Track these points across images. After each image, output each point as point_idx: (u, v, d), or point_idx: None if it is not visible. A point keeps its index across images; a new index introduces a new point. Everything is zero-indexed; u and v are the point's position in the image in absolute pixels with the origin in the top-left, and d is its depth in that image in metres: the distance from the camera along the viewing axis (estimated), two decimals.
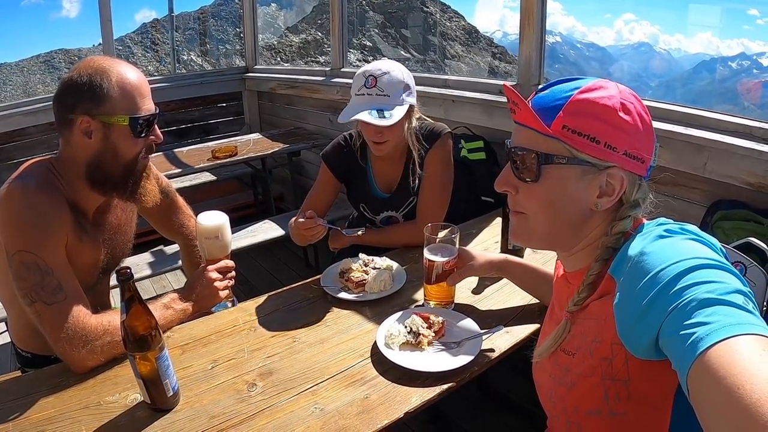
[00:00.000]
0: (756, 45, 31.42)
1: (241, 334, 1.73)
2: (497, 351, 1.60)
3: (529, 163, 1.06)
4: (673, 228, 0.97)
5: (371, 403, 1.40)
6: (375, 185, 2.42)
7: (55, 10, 28.65)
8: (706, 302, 0.78)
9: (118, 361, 1.56)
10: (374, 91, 2.09)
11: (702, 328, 0.74)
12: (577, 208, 1.08)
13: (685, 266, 0.84)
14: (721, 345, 0.71)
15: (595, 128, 1.02)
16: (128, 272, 1.28)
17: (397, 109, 2.09)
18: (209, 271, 1.82)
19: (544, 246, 1.22)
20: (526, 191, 1.10)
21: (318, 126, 4.92)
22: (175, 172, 3.90)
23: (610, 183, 1.05)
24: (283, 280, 4.26)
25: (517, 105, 1.05)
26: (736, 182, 2.18)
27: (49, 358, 1.70)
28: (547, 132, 1.02)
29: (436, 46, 23.77)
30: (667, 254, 0.89)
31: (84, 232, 1.67)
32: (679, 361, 0.77)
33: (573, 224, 1.10)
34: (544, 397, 1.28)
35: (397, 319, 1.68)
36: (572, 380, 1.11)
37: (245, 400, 1.42)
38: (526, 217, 1.13)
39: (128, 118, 1.57)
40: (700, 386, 0.72)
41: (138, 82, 1.60)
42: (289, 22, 22.44)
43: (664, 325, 0.82)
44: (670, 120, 2.44)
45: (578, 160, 1.03)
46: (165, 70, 20.04)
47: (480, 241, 2.37)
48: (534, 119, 1.02)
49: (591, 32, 51.41)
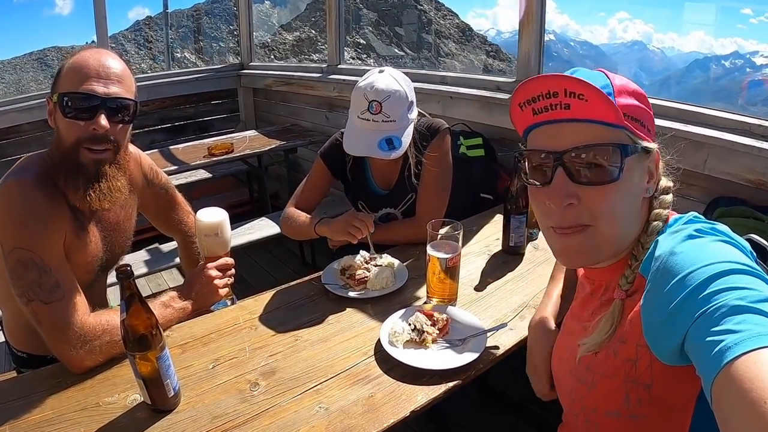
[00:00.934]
0: (749, 44, 31.63)
1: (242, 332, 1.71)
2: (502, 348, 1.59)
3: (610, 160, 0.96)
4: (704, 228, 0.94)
5: (376, 402, 1.39)
6: (373, 182, 2.40)
7: (48, 7, 28.60)
8: (736, 309, 0.75)
9: (117, 362, 1.54)
10: (380, 118, 2.01)
11: (730, 337, 0.72)
12: (638, 200, 1.03)
13: (715, 270, 0.82)
14: (750, 356, 0.69)
15: (640, 113, 1.00)
16: (128, 270, 1.26)
17: (405, 134, 2.06)
18: (209, 269, 1.80)
19: (610, 256, 1.07)
20: (596, 196, 0.98)
21: (314, 123, 4.90)
22: (171, 169, 3.87)
23: (650, 167, 1.03)
24: (280, 277, 4.25)
25: (582, 97, 0.92)
26: (735, 179, 2.18)
27: (45, 358, 1.68)
28: (620, 122, 0.94)
29: (431, 44, 23.78)
30: (698, 256, 0.86)
31: (82, 229, 1.64)
32: (705, 368, 0.75)
33: (635, 217, 1.04)
34: (563, 393, 1.26)
35: (400, 317, 1.67)
36: (594, 379, 1.08)
37: (248, 400, 1.40)
38: (594, 228, 1.00)
39: (58, 95, 1.50)
40: (725, 396, 0.70)
41: (91, 61, 1.51)
42: (283, 19, 22.40)
43: (691, 330, 0.80)
44: (669, 117, 2.43)
45: (639, 147, 0.99)
46: (159, 67, 19.96)
47: (481, 238, 2.36)
48: (612, 109, 0.92)
49: (585, 30, 51.60)
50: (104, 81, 1.51)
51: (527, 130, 1.06)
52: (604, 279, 1.13)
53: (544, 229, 1.09)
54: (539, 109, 0.99)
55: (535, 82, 0.97)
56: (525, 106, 1.00)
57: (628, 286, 1.02)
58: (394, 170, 2.32)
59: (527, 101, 0.99)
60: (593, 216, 0.99)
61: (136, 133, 1.62)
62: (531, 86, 0.97)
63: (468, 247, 2.25)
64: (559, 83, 0.94)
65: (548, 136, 1.01)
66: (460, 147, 3.08)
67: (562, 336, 1.28)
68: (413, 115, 2.13)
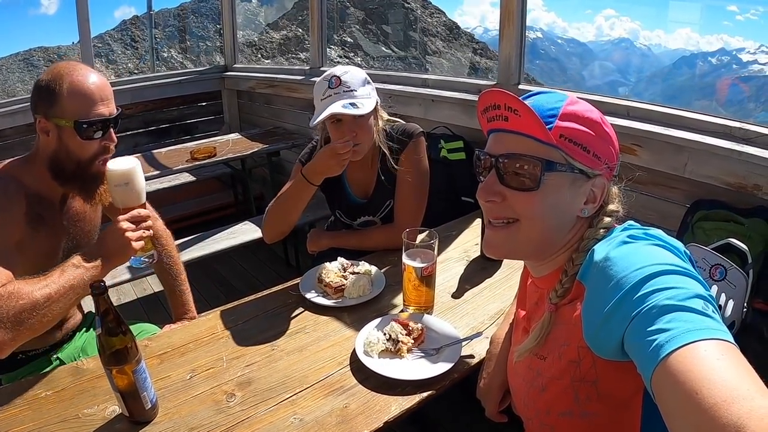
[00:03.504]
0: (735, 41, 31.84)
1: (220, 342, 1.72)
2: (477, 357, 1.60)
3: (531, 170, 1.05)
4: (636, 234, 1.01)
5: (350, 413, 1.40)
6: (350, 192, 2.40)
7: (33, 6, 28.39)
8: (667, 308, 0.81)
9: (97, 373, 1.55)
10: (341, 89, 2.06)
11: (662, 335, 0.78)
12: (566, 215, 1.10)
13: (646, 272, 0.88)
14: (681, 351, 0.75)
15: (586, 138, 1.06)
16: (102, 286, 1.26)
17: (366, 101, 2.07)
18: (119, 221, 1.66)
19: (530, 255, 1.19)
20: (518, 198, 1.08)
21: (297, 125, 4.89)
22: (154, 174, 3.86)
23: (594, 191, 1.09)
24: (264, 280, 4.25)
25: (516, 112, 1.03)
26: (716, 182, 2.21)
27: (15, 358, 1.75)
28: (549, 140, 1.02)
29: (417, 42, 23.81)
30: (630, 260, 0.93)
31: (42, 223, 1.69)
32: (643, 366, 0.82)
33: (561, 230, 1.11)
34: (518, 402, 1.30)
35: (376, 326, 1.68)
36: (543, 383, 1.14)
37: (224, 411, 1.41)
38: (517, 224, 1.10)
39: (73, 122, 1.62)
40: (663, 390, 0.76)
41: (91, 86, 1.64)
42: (269, 18, 22.37)
43: (628, 331, 0.86)
44: (650, 120, 2.46)
45: (573, 167, 1.06)
46: (145, 67, 19.87)
47: (460, 243, 2.37)
48: (539, 127, 1.01)
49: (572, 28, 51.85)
50: (106, 102, 1.68)
51: (487, 135, 1.17)
52: (545, 287, 1.19)
53: (486, 223, 1.19)
54: (490, 118, 1.10)
55: (487, 94, 1.07)
56: (482, 114, 1.12)
57: (558, 299, 1.10)
58: (370, 179, 2.33)
59: (483, 110, 1.11)
60: (516, 213, 1.09)
61: (120, 136, 1.62)
62: (484, 97, 1.08)
63: (447, 252, 2.27)
64: (502, 98, 1.04)
65: (492, 142, 1.13)
66: (441, 150, 3.09)
67: (514, 349, 1.32)
68: (375, 95, 2.16)
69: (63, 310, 1.51)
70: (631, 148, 2.41)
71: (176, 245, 2.24)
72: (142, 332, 2.01)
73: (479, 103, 1.11)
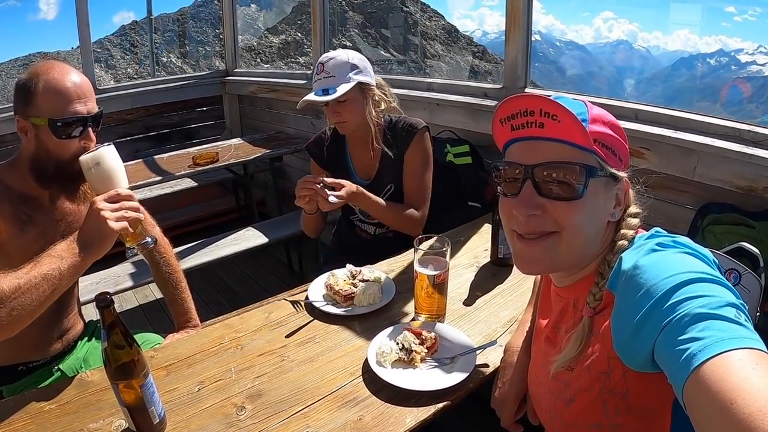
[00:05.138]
0: (734, 41, 31.93)
1: (228, 352, 1.68)
2: (492, 366, 1.57)
3: (576, 178, 1.01)
4: (665, 241, 0.98)
5: (365, 425, 1.37)
6: (354, 173, 2.53)
7: (33, 12, 28.42)
8: (699, 317, 0.79)
9: (102, 385, 1.51)
10: (322, 76, 2.26)
11: (695, 344, 0.76)
12: (601, 220, 1.08)
13: (677, 281, 0.86)
14: (714, 360, 0.73)
15: (613, 141, 1.06)
16: (108, 298, 1.22)
17: (341, 87, 2.22)
18: (95, 202, 1.54)
19: (569, 266, 1.12)
20: (561, 209, 1.03)
21: (299, 130, 4.86)
22: (155, 179, 3.84)
23: (619, 194, 1.09)
24: (268, 287, 4.24)
25: (555, 117, 0.98)
26: (725, 186, 2.18)
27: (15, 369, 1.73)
28: (590, 145, 1.00)
29: (417, 46, 23.84)
30: (660, 269, 0.91)
31: (28, 223, 1.67)
32: (675, 376, 0.79)
33: (597, 237, 1.09)
34: (542, 413, 1.27)
35: (388, 335, 1.65)
36: (571, 395, 1.11)
37: (235, 425, 1.38)
38: (556, 236, 1.05)
39: (47, 120, 1.60)
40: (695, 401, 0.74)
41: (67, 84, 1.62)
42: (268, 22, 22.38)
43: (659, 340, 0.84)
44: (659, 123, 2.43)
45: (607, 172, 1.05)
46: (144, 71, 19.86)
47: (469, 248, 2.34)
48: (581, 132, 0.98)
49: (570, 30, 51.96)
50: (83, 100, 1.65)
51: (506, 145, 1.11)
52: (571, 296, 1.16)
53: (507, 232, 1.15)
54: (517, 126, 1.04)
55: (516, 100, 1.02)
56: (505, 122, 1.06)
57: (596, 303, 1.06)
58: (373, 161, 2.48)
59: (507, 117, 1.05)
60: (558, 224, 1.04)
61: (121, 142, 1.58)
62: (511, 104, 1.03)
63: (456, 258, 2.24)
64: (537, 103, 0.99)
65: (522, 151, 1.07)
66: (447, 155, 3.06)
67: (537, 359, 1.30)
68: (359, 77, 2.29)
69: (37, 303, 1.40)
70: (640, 152, 2.38)
71: (178, 252, 2.21)
72: (146, 342, 1.97)
73: (501, 111, 1.05)
